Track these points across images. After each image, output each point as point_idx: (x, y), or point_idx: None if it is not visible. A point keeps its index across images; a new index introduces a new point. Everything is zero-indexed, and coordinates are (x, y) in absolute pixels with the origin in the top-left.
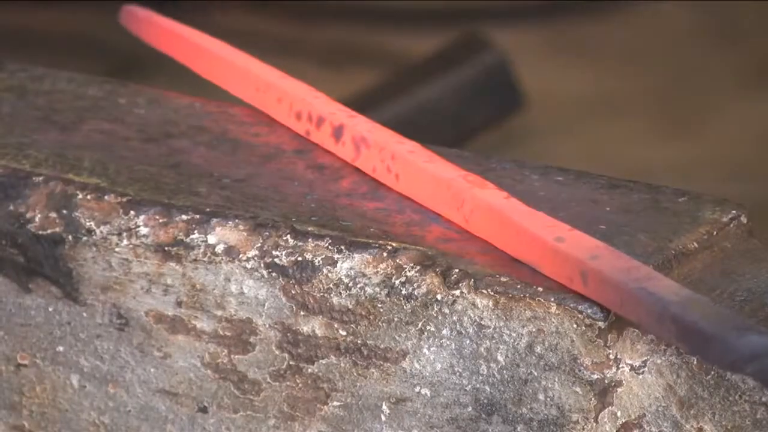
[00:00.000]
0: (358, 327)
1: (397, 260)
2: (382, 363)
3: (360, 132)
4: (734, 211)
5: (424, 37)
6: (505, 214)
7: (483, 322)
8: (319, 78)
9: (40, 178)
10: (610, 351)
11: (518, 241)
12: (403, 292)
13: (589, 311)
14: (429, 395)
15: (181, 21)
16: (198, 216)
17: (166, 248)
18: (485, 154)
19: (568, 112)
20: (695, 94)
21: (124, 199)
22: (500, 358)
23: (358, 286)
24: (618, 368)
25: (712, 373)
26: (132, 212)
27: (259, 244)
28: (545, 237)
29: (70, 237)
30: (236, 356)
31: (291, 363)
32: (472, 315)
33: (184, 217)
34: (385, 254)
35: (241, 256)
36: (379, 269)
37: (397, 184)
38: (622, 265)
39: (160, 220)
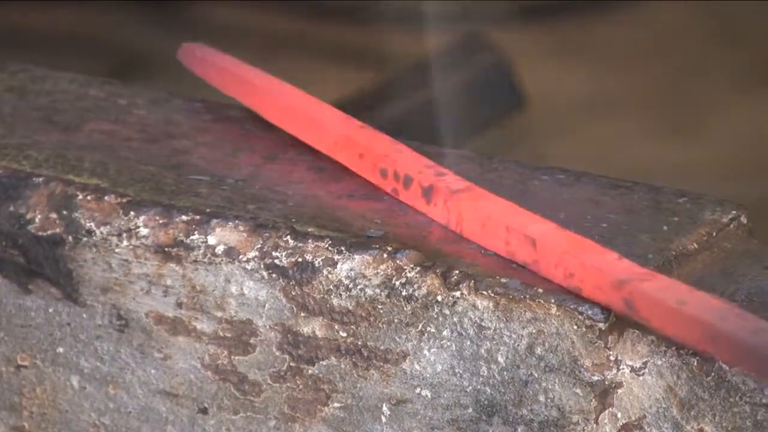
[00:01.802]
0: (359, 328)
1: (398, 261)
2: (382, 364)
3: (455, 196)
4: (734, 212)
5: (424, 37)
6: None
7: (483, 324)
8: (320, 78)
9: (41, 179)
10: (611, 352)
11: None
12: (404, 293)
13: (589, 312)
14: (429, 396)
15: (182, 20)
16: (198, 217)
17: (166, 249)
18: (486, 154)
19: (568, 112)
20: (695, 94)
21: (125, 200)
22: (501, 359)
23: (359, 287)
24: (618, 369)
25: (713, 374)
26: (132, 213)
27: (260, 245)
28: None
29: (70, 238)
30: (236, 357)
31: (291, 364)
32: (472, 316)
33: (184, 217)
34: (385, 255)
35: (241, 257)
36: (379, 270)
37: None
38: (752, 327)
39: (161, 221)
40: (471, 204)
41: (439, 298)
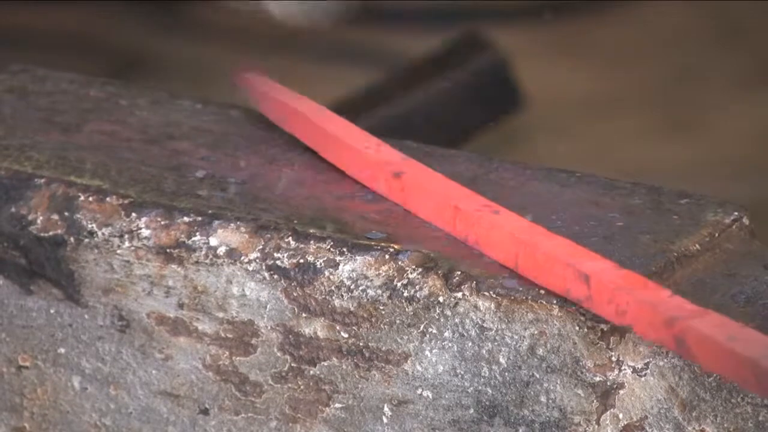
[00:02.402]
0: (360, 329)
1: (399, 262)
2: (383, 365)
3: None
4: (736, 213)
5: (424, 37)
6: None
7: (485, 325)
8: (320, 78)
9: (42, 180)
10: (613, 353)
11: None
12: (405, 294)
13: (590, 313)
14: (431, 397)
15: (182, 20)
16: (200, 218)
17: (167, 250)
18: (486, 155)
19: (568, 112)
20: (695, 93)
21: (126, 201)
22: (502, 360)
23: (360, 288)
24: (620, 370)
25: (714, 375)
26: (134, 214)
27: (261, 246)
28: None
29: (71, 239)
30: (238, 358)
31: (293, 365)
32: (474, 317)
33: (185, 219)
34: (387, 256)
35: (242, 258)
36: (381, 271)
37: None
38: None
39: (162, 222)
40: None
41: (440, 299)
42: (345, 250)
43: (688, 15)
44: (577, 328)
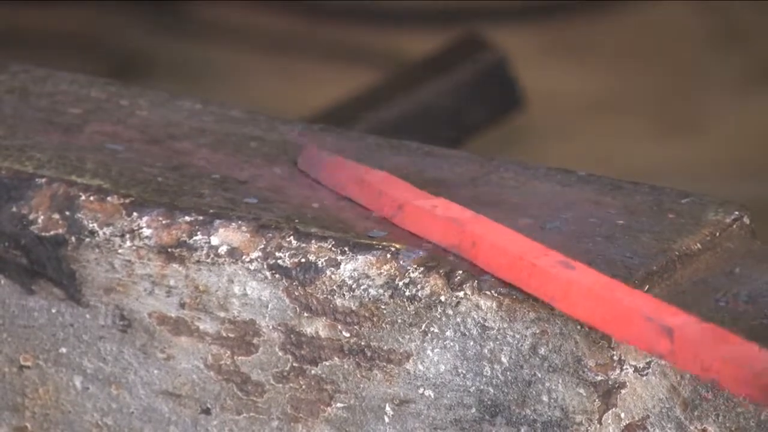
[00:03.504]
0: (362, 329)
1: (401, 262)
2: (385, 365)
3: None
4: (737, 212)
5: (424, 37)
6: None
7: (487, 324)
8: (320, 78)
9: (43, 180)
10: (614, 352)
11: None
12: (407, 293)
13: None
14: (432, 397)
15: (182, 20)
16: (201, 217)
17: (169, 250)
18: (487, 155)
19: (568, 112)
20: (695, 94)
21: (127, 201)
22: (504, 359)
23: (362, 287)
24: (622, 370)
25: None
26: (135, 214)
27: (263, 246)
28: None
29: (73, 238)
30: (239, 358)
31: (294, 365)
32: (475, 316)
33: (187, 218)
34: (388, 256)
35: (244, 257)
36: (382, 271)
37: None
38: None
39: (163, 222)
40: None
41: (442, 298)
42: (346, 249)
43: (688, 15)
44: (578, 327)
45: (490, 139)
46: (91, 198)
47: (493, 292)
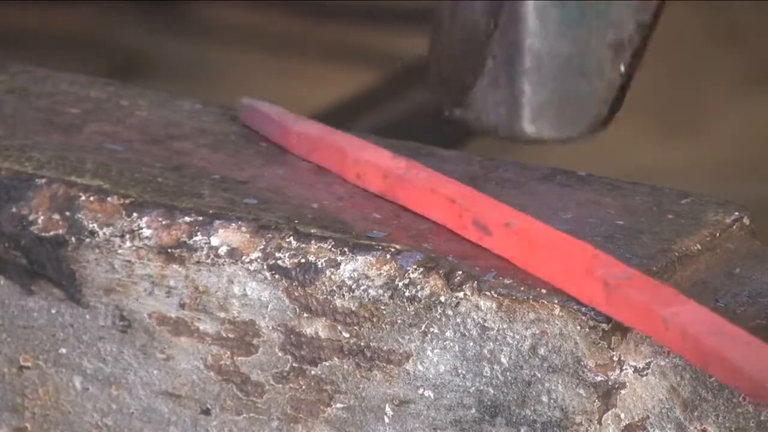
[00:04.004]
0: (362, 329)
1: (401, 262)
2: (385, 365)
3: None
4: (737, 213)
5: (424, 37)
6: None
7: (486, 324)
8: (320, 78)
9: (43, 180)
10: (614, 353)
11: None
12: (407, 294)
13: (592, 313)
14: (432, 397)
15: (182, 20)
16: (201, 218)
17: (169, 250)
18: (487, 155)
19: None
20: (695, 94)
21: (127, 201)
22: (504, 359)
23: (362, 288)
24: (622, 370)
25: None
26: (135, 214)
27: (262, 246)
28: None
29: (72, 239)
30: (239, 358)
31: (294, 365)
32: (475, 317)
33: (186, 219)
34: (388, 256)
35: (243, 258)
36: (382, 271)
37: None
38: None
39: (163, 222)
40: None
41: (442, 298)
42: (346, 249)
43: (688, 14)
44: (578, 327)
45: (489, 140)
46: (91, 198)
47: (492, 292)
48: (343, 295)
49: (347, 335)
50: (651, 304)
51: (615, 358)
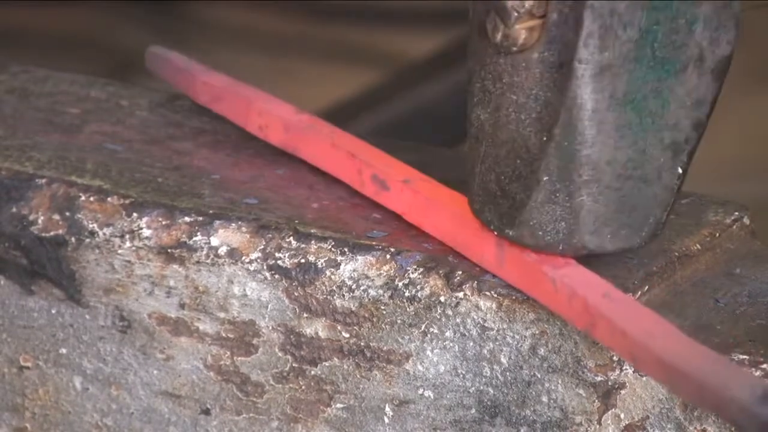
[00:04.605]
0: (361, 329)
1: (401, 262)
2: (385, 365)
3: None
4: (737, 213)
5: (424, 37)
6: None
7: (486, 324)
8: (320, 78)
9: (43, 180)
10: (614, 353)
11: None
12: (407, 294)
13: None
14: (432, 397)
15: (182, 21)
16: (201, 218)
17: (168, 250)
18: None
19: None
20: None
21: (127, 201)
22: (503, 360)
23: (361, 288)
24: (621, 370)
25: None
26: (135, 214)
27: (262, 247)
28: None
29: (72, 239)
30: (239, 358)
31: (294, 365)
32: (475, 317)
33: (186, 219)
34: (388, 256)
35: (243, 258)
36: (382, 271)
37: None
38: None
39: (163, 222)
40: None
41: (442, 298)
42: (346, 249)
43: None
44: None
45: None
46: (91, 198)
47: (492, 293)
48: (343, 295)
49: (347, 335)
50: (541, 264)
51: (615, 358)
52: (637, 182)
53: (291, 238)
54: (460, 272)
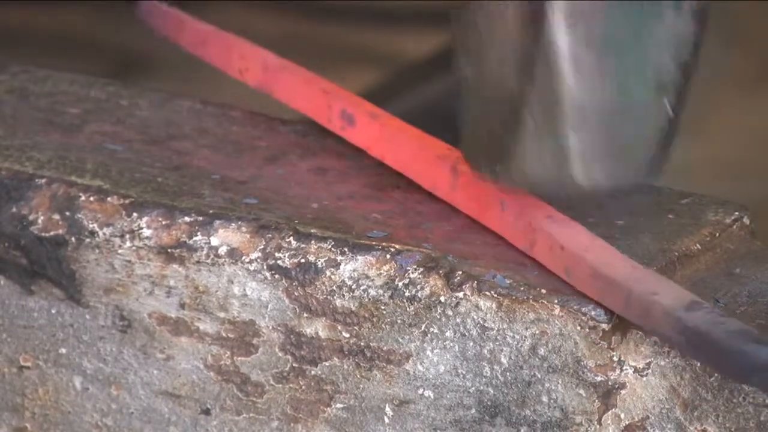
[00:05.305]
0: (362, 329)
1: (401, 262)
2: (385, 365)
3: None
4: (737, 213)
5: (424, 37)
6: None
7: (486, 324)
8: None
9: (43, 180)
10: (614, 353)
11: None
12: (407, 294)
13: (592, 313)
14: (432, 397)
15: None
16: (201, 218)
17: (169, 250)
18: None
19: None
20: (695, 94)
21: (127, 201)
22: (503, 360)
23: (362, 288)
24: (622, 370)
25: (716, 375)
26: (135, 214)
27: (262, 246)
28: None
29: (73, 239)
30: (239, 358)
31: (294, 365)
32: (475, 317)
33: (186, 219)
34: (388, 256)
35: (243, 258)
36: (382, 271)
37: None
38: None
39: (163, 222)
40: None
41: (442, 298)
42: (346, 249)
43: None
44: (578, 327)
45: None
46: (91, 198)
47: (492, 292)
48: (343, 295)
49: (347, 335)
50: (490, 188)
51: (615, 358)
52: (624, 121)
53: (291, 238)
54: (460, 272)
